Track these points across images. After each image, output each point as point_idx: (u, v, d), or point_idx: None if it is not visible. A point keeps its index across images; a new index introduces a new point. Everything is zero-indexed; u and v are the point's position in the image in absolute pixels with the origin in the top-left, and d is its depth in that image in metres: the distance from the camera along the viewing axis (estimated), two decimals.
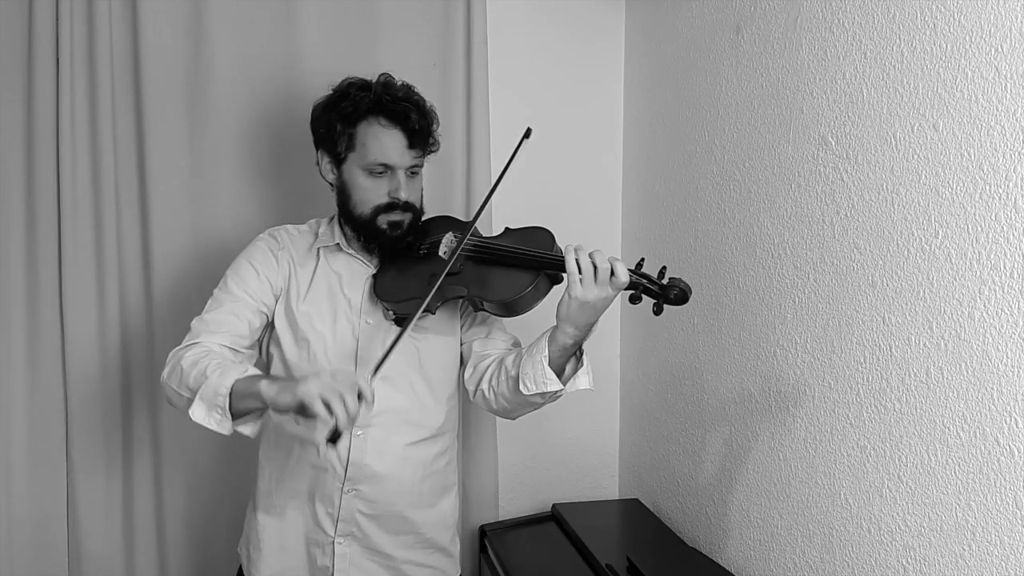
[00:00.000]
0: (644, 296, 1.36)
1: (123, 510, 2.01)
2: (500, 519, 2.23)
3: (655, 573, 1.73)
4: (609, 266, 1.32)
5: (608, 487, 2.44)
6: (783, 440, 1.65)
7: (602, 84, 2.34)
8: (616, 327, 2.41)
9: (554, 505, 2.21)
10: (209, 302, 1.52)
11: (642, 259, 1.40)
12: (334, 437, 1.20)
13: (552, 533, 2.10)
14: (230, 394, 1.30)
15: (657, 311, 1.35)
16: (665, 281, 1.35)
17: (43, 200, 1.89)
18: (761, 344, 1.72)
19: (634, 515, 2.19)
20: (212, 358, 1.37)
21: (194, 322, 1.49)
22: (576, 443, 2.40)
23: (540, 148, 2.29)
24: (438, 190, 2.07)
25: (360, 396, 1.22)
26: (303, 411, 1.22)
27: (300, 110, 2.01)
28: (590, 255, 1.33)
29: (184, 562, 2.06)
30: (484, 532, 2.15)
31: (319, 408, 1.19)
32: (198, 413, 1.31)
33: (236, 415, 1.32)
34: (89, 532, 1.96)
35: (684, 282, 1.34)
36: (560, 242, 1.45)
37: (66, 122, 1.87)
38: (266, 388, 1.26)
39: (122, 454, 2.00)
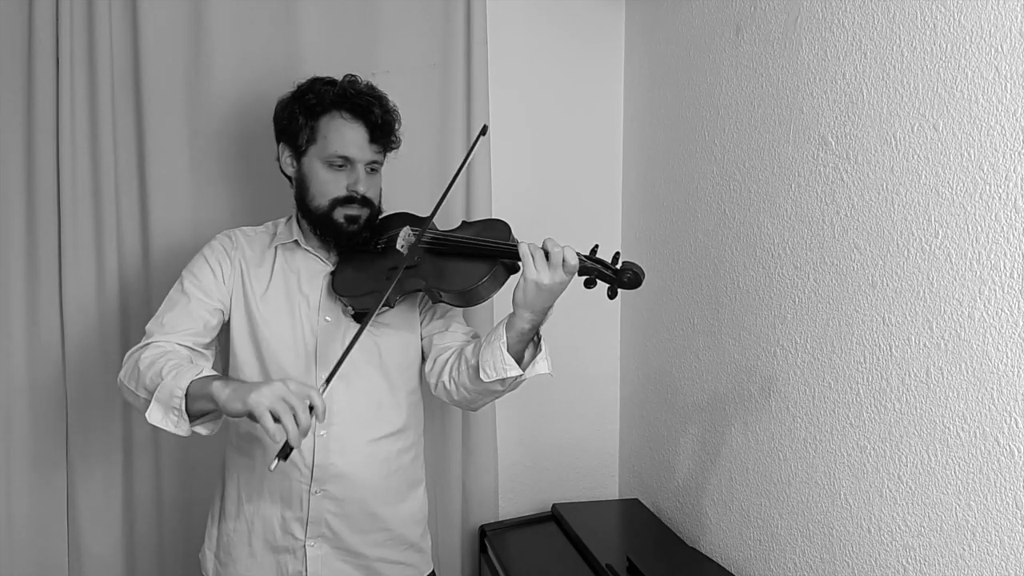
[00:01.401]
0: (598, 280, 1.39)
1: (123, 510, 2.01)
2: (500, 519, 2.23)
3: (655, 573, 1.73)
4: (560, 250, 1.35)
5: (608, 487, 2.44)
6: (783, 440, 1.65)
7: (602, 84, 2.34)
8: (616, 327, 2.41)
9: (554, 505, 2.21)
10: (163, 303, 1.52)
11: (596, 245, 1.42)
12: (284, 453, 1.18)
13: (552, 533, 2.10)
14: (185, 395, 1.28)
15: (611, 295, 1.39)
16: (619, 266, 1.37)
17: (43, 200, 1.89)
18: (761, 344, 1.72)
19: (634, 515, 2.19)
20: (168, 358, 1.36)
21: (150, 324, 1.49)
22: (576, 443, 2.40)
23: (540, 148, 2.31)
24: (438, 189, 2.07)
25: (311, 408, 1.21)
26: (254, 418, 1.20)
27: None
28: (544, 241, 1.37)
29: (184, 562, 2.06)
30: (484, 532, 2.15)
31: (267, 422, 1.18)
32: (155, 415, 1.30)
33: (194, 415, 1.31)
34: (89, 532, 1.96)
35: (638, 266, 1.37)
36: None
37: (66, 122, 1.87)
38: (218, 390, 1.24)
39: (122, 454, 2.00)
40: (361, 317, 1.53)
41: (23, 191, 1.89)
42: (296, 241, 1.58)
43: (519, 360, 1.43)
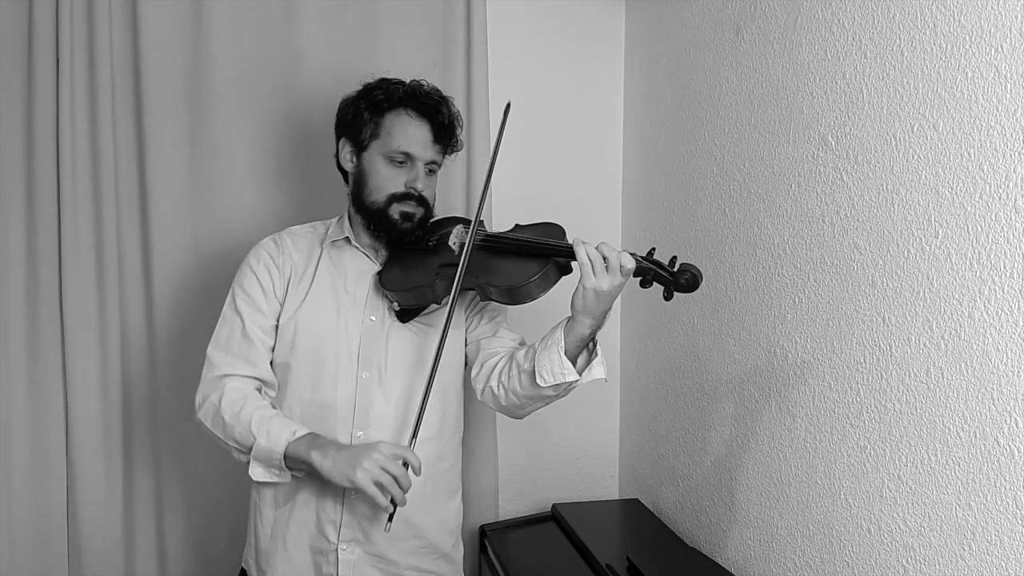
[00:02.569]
0: (655, 282, 1.38)
1: (123, 510, 2.01)
2: (500, 519, 2.23)
3: (655, 573, 1.73)
4: (617, 255, 1.35)
5: (608, 487, 2.44)
6: (783, 440, 1.65)
7: (602, 84, 2.34)
8: (616, 327, 2.41)
9: (554, 505, 2.21)
10: (220, 324, 1.53)
11: (653, 248, 1.43)
12: (392, 514, 1.35)
13: (552, 533, 2.10)
14: (284, 456, 1.39)
15: (667, 297, 1.38)
16: (676, 268, 1.37)
17: (43, 200, 1.89)
18: (761, 344, 1.72)
19: (634, 515, 2.19)
20: (247, 406, 1.44)
21: (211, 350, 1.51)
22: (576, 443, 2.40)
23: (541, 148, 2.31)
24: (438, 189, 2.07)
25: (407, 465, 1.35)
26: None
27: (300, 110, 2.02)
28: (599, 246, 1.37)
29: (184, 562, 2.06)
30: (484, 532, 2.15)
31: (379, 499, 1.33)
32: (257, 472, 1.43)
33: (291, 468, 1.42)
34: (89, 532, 1.96)
35: (696, 268, 1.36)
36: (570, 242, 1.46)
37: (66, 122, 1.87)
38: (318, 461, 1.37)
39: (122, 454, 2.00)
40: (405, 314, 1.53)
41: (23, 191, 1.89)
42: (347, 238, 1.58)
43: (573, 364, 1.43)
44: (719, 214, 1.88)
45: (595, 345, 1.46)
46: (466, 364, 1.64)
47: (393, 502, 1.33)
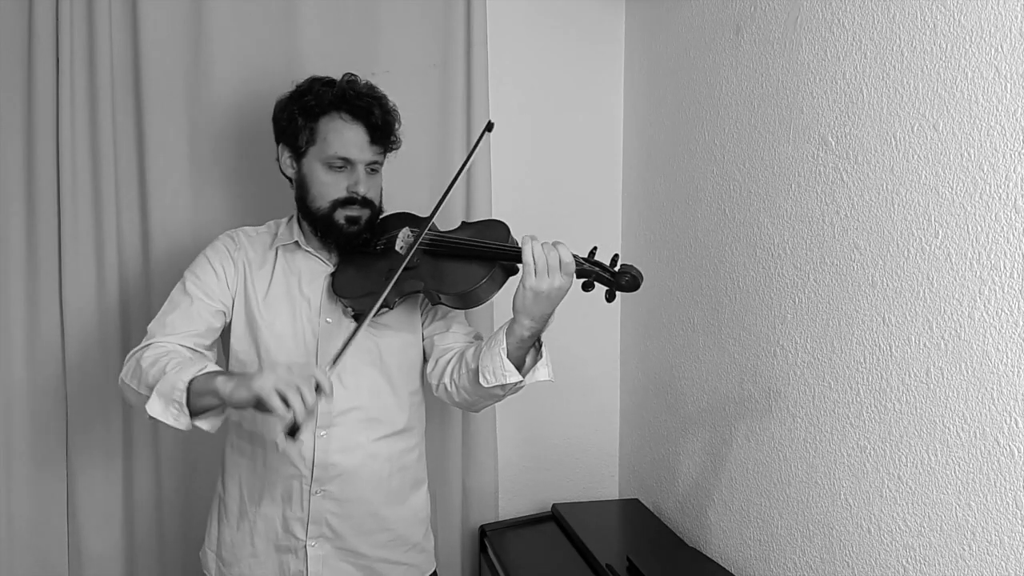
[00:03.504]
0: (596, 283, 1.37)
1: (123, 510, 2.01)
2: (500, 519, 2.23)
3: (655, 573, 1.73)
4: (557, 252, 1.33)
5: (608, 487, 2.44)
6: (783, 440, 1.65)
7: (602, 84, 2.34)
8: (616, 327, 2.41)
9: (554, 505, 2.21)
10: (165, 304, 1.52)
11: (594, 248, 1.41)
12: (292, 430, 1.21)
13: (552, 533, 2.10)
14: (188, 390, 1.29)
15: (609, 298, 1.37)
16: (617, 268, 1.36)
17: (43, 199, 1.89)
18: (761, 344, 1.72)
19: (634, 515, 2.19)
20: (172, 356, 1.38)
21: (151, 324, 1.49)
22: (576, 443, 2.40)
23: (540, 148, 2.31)
24: (438, 189, 2.07)
25: (318, 388, 1.23)
26: (260, 406, 1.22)
27: None
28: (542, 245, 1.35)
29: (184, 562, 2.06)
30: (484, 532, 2.15)
31: (275, 402, 1.20)
32: (155, 408, 1.31)
33: (196, 411, 1.32)
34: (89, 532, 1.96)
35: (636, 269, 1.35)
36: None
37: (66, 122, 1.87)
38: (222, 384, 1.26)
39: (122, 454, 2.00)
40: (361, 318, 1.53)
41: (23, 191, 1.88)
42: (297, 242, 1.58)
43: (520, 365, 1.42)
44: (719, 214, 1.88)
45: (541, 346, 1.45)
46: (425, 359, 1.64)
47: (295, 420, 1.21)
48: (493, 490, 2.21)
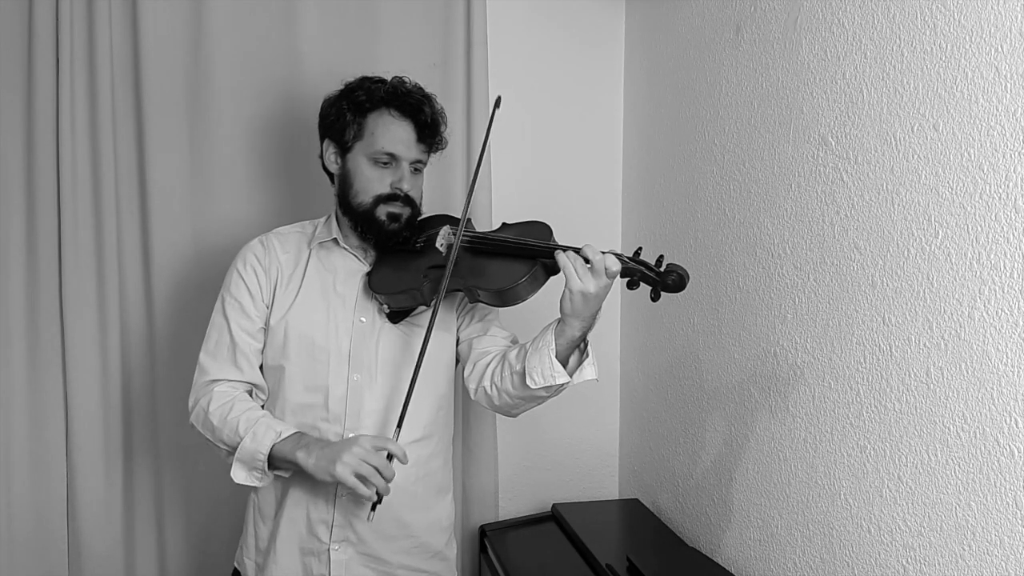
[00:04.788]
0: (641, 283, 1.37)
1: (123, 510, 2.01)
2: (500, 519, 2.23)
3: (655, 573, 1.73)
4: (602, 258, 1.34)
5: (608, 487, 2.44)
6: (783, 440, 1.65)
7: (602, 84, 2.34)
8: (616, 327, 2.41)
9: (554, 505, 2.21)
10: (209, 329, 1.54)
11: (639, 248, 1.42)
12: (375, 506, 1.35)
13: (552, 533, 2.10)
14: (268, 457, 1.41)
15: (655, 297, 1.37)
16: (662, 268, 1.36)
17: (43, 200, 1.89)
18: (761, 344, 1.72)
19: (634, 515, 2.19)
20: (236, 409, 1.45)
21: (203, 358, 1.53)
22: (576, 443, 2.40)
23: (540, 148, 2.31)
24: (438, 190, 2.07)
25: (391, 457, 1.35)
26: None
27: (300, 110, 2.02)
28: (584, 248, 1.36)
29: (184, 562, 2.06)
30: (484, 532, 2.15)
31: (360, 489, 1.33)
32: (239, 475, 1.44)
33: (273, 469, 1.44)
34: (89, 532, 1.96)
35: (682, 268, 1.35)
36: (559, 241, 1.45)
37: (66, 122, 1.87)
38: (303, 460, 1.38)
39: (122, 454, 2.00)
40: (396, 315, 1.53)
41: (23, 191, 1.88)
42: (335, 239, 1.57)
43: (564, 365, 1.42)
44: (719, 214, 1.88)
45: (586, 346, 1.45)
46: (457, 362, 1.64)
47: (377, 493, 1.33)
48: (493, 490, 2.22)
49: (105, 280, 1.94)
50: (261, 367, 1.56)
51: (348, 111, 1.52)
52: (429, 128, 1.53)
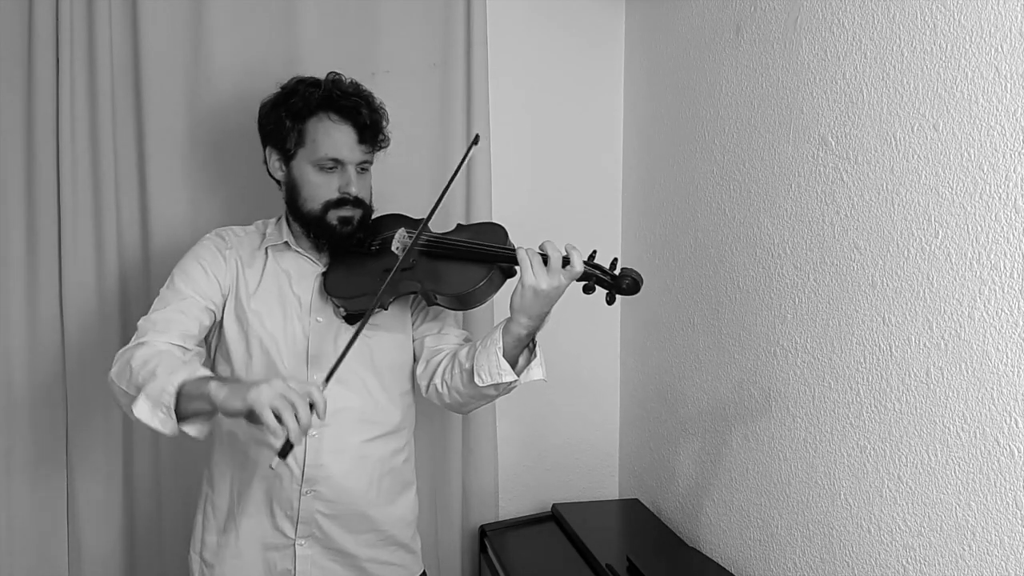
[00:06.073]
0: (597, 287, 1.38)
1: (123, 510, 2.01)
2: (500, 519, 2.23)
3: (655, 573, 1.73)
4: (562, 254, 1.34)
5: (608, 487, 2.44)
6: (783, 440, 1.65)
7: (602, 84, 2.34)
8: (616, 327, 2.41)
9: (554, 505, 2.21)
10: (156, 301, 1.51)
11: (594, 251, 1.41)
12: (284, 451, 1.16)
13: (552, 533, 2.10)
14: (178, 394, 1.25)
15: (610, 301, 1.38)
16: (617, 271, 1.37)
17: (43, 200, 1.89)
18: (761, 344, 1.72)
19: (634, 515, 2.19)
20: (163, 357, 1.34)
21: (141, 321, 1.47)
22: (576, 443, 2.40)
23: (540, 148, 2.31)
24: (437, 190, 2.06)
25: (312, 406, 1.19)
26: (252, 417, 1.19)
27: None
28: (543, 244, 1.36)
29: (184, 562, 2.05)
30: (484, 532, 2.15)
31: (269, 418, 1.16)
32: (142, 410, 1.26)
33: (183, 416, 1.27)
34: (89, 532, 1.96)
35: (636, 272, 1.36)
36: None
37: (66, 122, 1.87)
38: (215, 390, 1.23)
39: (122, 454, 2.00)
40: (353, 318, 1.53)
41: (23, 191, 1.89)
42: (287, 243, 1.58)
43: (514, 365, 1.43)
44: (719, 214, 1.88)
45: (535, 345, 1.46)
46: (415, 360, 1.64)
47: (288, 439, 1.16)
48: (493, 490, 2.21)
49: (105, 279, 1.94)
50: (214, 356, 1.55)
51: (287, 118, 1.50)
52: (370, 129, 1.51)
